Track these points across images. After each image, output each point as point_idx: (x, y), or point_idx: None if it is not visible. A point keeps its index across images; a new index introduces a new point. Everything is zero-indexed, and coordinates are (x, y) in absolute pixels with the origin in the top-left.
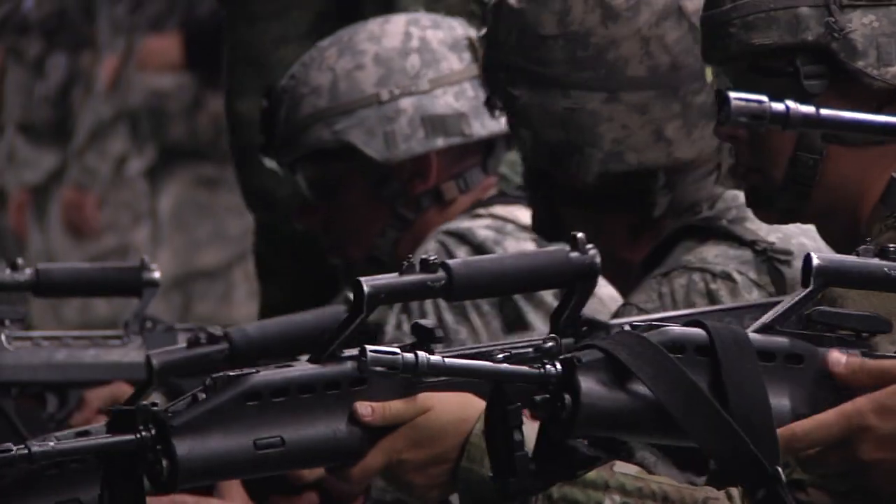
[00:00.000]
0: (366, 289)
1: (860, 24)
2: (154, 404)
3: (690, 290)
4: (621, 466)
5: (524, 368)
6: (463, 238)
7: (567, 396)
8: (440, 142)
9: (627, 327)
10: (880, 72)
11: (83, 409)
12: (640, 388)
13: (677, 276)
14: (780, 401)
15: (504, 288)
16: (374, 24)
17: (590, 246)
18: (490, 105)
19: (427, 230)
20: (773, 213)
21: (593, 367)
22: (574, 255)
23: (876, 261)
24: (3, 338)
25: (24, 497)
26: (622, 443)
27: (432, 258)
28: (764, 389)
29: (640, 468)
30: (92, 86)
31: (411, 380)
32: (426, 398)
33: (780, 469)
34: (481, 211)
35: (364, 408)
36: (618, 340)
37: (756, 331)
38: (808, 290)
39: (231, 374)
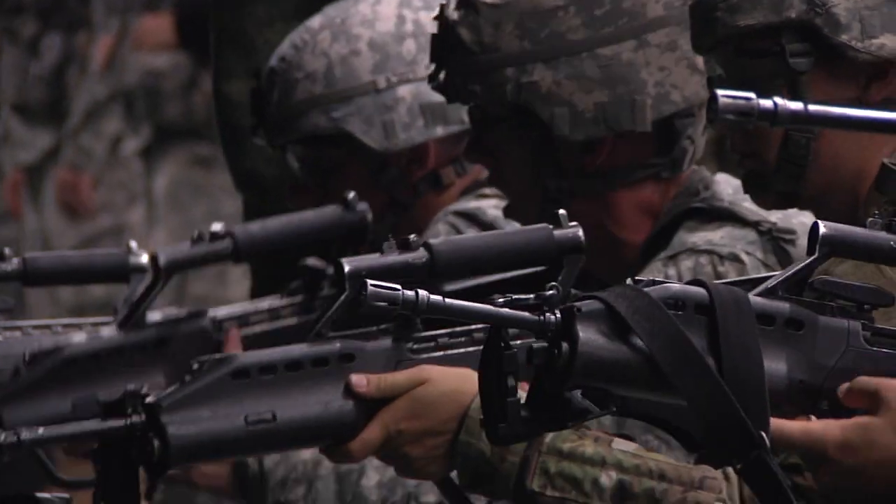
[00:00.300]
0: (347, 268)
1: None
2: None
3: (698, 273)
4: (619, 443)
5: (524, 314)
6: (473, 218)
7: (564, 345)
8: (440, 130)
9: (629, 282)
10: (864, 44)
11: None
12: (638, 342)
13: (684, 259)
14: (776, 365)
15: (488, 266)
16: (364, 6)
17: (573, 223)
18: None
19: (425, 215)
20: (770, 198)
21: (592, 318)
22: (558, 231)
23: (883, 234)
24: None
25: (43, 393)
26: (614, 397)
27: (412, 237)
28: (759, 353)
29: (639, 446)
30: (87, 66)
31: (401, 355)
32: (423, 370)
33: (765, 435)
34: (487, 191)
35: (359, 379)
36: (618, 293)
37: (759, 294)
38: (813, 257)
39: (216, 357)
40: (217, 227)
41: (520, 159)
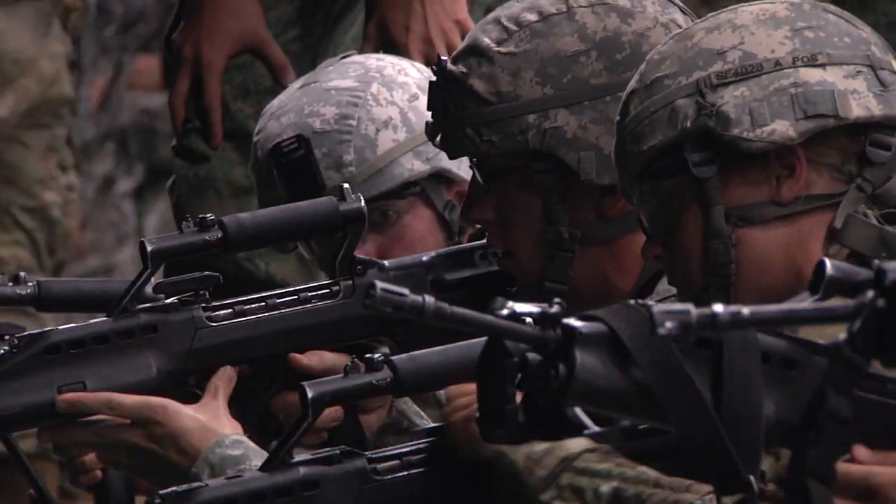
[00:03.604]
0: (310, 393)
1: (732, 96)
2: None
3: None
4: (641, 468)
5: (525, 328)
6: None
7: (562, 367)
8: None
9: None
10: (756, 133)
11: None
12: (636, 370)
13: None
14: (766, 404)
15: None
16: (374, 61)
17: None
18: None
19: None
20: None
21: (592, 341)
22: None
23: None
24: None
25: (26, 378)
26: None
27: (377, 356)
28: (760, 392)
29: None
30: (76, 107)
31: (365, 479)
32: None
33: (753, 479)
34: None
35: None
36: (621, 315)
37: (759, 331)
38: (815, 297)
39: (179, 489)
40: (207, 216)
41: (530, 209)
